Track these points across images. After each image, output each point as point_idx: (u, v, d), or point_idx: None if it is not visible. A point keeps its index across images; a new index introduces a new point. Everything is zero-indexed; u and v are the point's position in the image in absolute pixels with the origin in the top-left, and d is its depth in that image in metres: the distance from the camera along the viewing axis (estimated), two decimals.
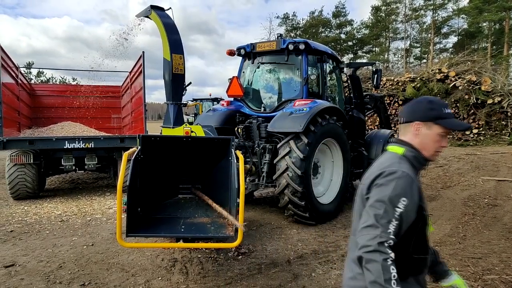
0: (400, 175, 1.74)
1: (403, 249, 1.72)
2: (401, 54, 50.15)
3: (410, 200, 1.70)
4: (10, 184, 8.42)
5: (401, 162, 1.85)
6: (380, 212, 1.66)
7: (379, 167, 1.84)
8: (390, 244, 1.60)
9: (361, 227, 1.70)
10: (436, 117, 1.86)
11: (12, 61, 9.59)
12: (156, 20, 6.38)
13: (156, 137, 4.71)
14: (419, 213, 1.77)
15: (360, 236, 1.68)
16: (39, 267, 4.76)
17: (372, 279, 1.55)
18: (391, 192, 1.69)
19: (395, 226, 1.64)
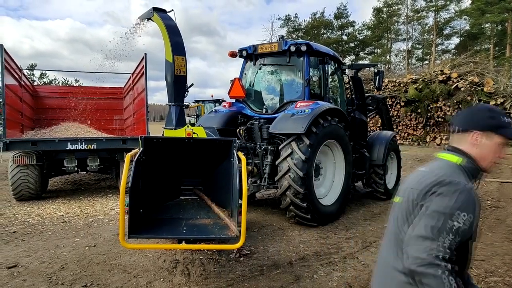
0: (463, 188, 1.65)
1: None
2: (403, 55, 50.13)
3: (471, 215, 1.62)
4: (13, 185, 8.44)
5: (458, 172, 1.77)
6: (437, 224, 1.58)
7: (435, 173, 1.75)
8: (446, 258, 1.54)
9: (413, 236, 1.63)
10: (497, 127, 1.78)
11: (15, 62, 9.62)
12: (159, 22, 6.40)
13: (158, 139, 4.71)
14: (473, 228, 1.69)
15: (412, 246, 1.61)
16: (41, 268, 4.77)
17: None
18: (452, 204, 1.60)
19: (450, 240, 1.57)
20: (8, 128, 8.13)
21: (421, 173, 1.85)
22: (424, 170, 1.86)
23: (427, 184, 1.72)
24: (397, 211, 1.86)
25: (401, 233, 1.75)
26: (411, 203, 1.76)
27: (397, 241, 1.78)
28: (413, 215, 1.73)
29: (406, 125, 22.19)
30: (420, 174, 1.85)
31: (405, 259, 1.61)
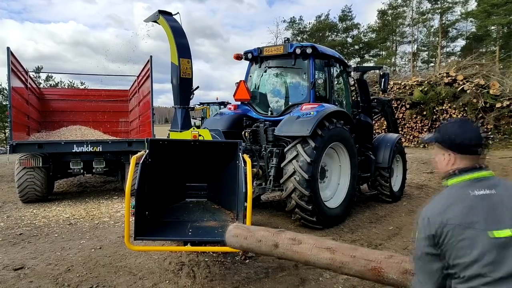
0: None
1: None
2: (408, 57, 49.93)
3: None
4: (19, 187, 8.48)
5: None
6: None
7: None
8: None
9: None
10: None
11: (21, 65, 9.70)
12: (164, 24, 6.43)
13: (164, 141, 4.74)
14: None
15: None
16: (47, 270, 4.79)
17: None
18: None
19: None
20: (14, 130, 8.19)
21: (505, 194, 1.80)
22: (499, 192, 1.81)
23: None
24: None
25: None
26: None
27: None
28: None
29: (412, 128, 22.09)
30: (506, 195, 1.80)
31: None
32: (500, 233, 1.68)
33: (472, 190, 1.80)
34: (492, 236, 1.68)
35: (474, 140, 1.89)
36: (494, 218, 1.72)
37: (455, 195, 1.85)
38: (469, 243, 1.70)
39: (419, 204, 8.38)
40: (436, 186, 10.47)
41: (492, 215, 1.72)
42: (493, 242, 1.67)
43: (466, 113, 19.22)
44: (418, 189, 10.09)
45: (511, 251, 1.66)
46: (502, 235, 1.68)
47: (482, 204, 1.76)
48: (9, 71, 8.15)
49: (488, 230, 1.69)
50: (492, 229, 1.69)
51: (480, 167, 1.89)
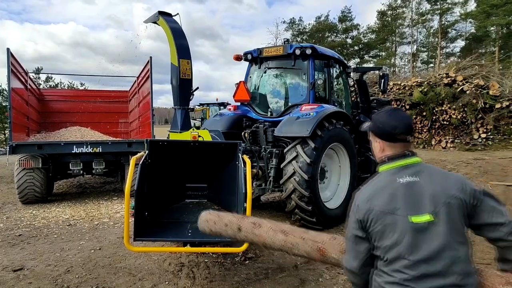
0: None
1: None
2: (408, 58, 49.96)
3: None
4: (18, 188, 8.48)
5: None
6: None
7: (451, 179, 1.93)
8: None
9: (498, 212, 1.88)
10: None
11: (21, 66, 9.69)
12: (164, 25, 6.43)
13: (164, 142, 4.74)
14: None
15: (504, 214, 1.88)
16: (47, 271, 4.78)
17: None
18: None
19: None
20: (14, 131, 8.18)
21: (427, 181, 1.89)
22: (422, 179, 1.91)
23: (455, 186, 1.88)
24: (450, 215, 1.82)
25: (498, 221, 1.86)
26: (463, 208, 1.85)
27: (460, 244, 1.82)
28: (470, 214, 1.87)
29: None
30: (428, 182, 1.89)
31: (508, 226, 1.84)
32: (419, 219, 1.80)
33: (398, 178, 1.91)
34: (411, 221, 1.80)
35: (399, 128, 1.97)
36: (414, 205, 1.83)
37: (383, 182, 1.96)
38: (390, 228, 1.82)
39: None
40: None
41: (412, 201, 1.83)
42: (412, 227, 1.79)
43: (466, 114, 19.22)
44: None
45: (428, 235, 1.78)
46: (420, 220, 1.80)
47: (405, 191, 1.86)
48: (9, 72, 8.14)
49: (408, 216, 1.81)
50: (411, 215, 1.81)
51: (407, 154, 1.98)
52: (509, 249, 1.85)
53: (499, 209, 1.87)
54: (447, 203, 1.82)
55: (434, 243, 1.77)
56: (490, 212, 1.85)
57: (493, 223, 1.84)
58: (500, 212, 1.86)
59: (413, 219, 1.80)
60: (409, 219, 1.81)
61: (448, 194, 1.83)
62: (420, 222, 1.80)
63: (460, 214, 1.82)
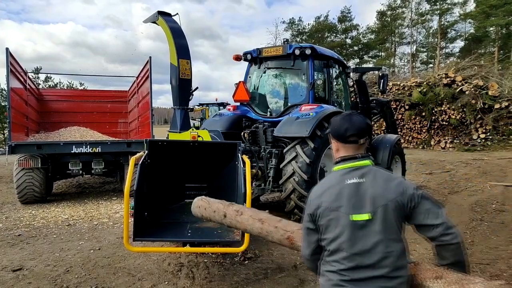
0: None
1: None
2: (407, 58, 50.02)
3: None
4: (18, 188, 8.47)
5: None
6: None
7: (394, 182, 2.07)
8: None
9: (434, 214, 2.01)
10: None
11: (20, 66, 9.69)
12: (164, 25, 6.43)
13: (163, 142, 4.74)
14: None
15: (439, 217, 2.00)
16: (46, 271, 4.79)
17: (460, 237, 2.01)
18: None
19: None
20: (13, 131, 8.18)
21: (372, 183, 2.05)
22: (368, 181, 2.06)
23: (397, 190, 2.03)
24: (376, 225, 1.98)
25: (431, 222, 2.01)
26: (401, 210, 2.00)
27: (394, 241, 1.98)
28: (407, 211, 2.02)
29: (411, 129, 22.11)
30: (372, 184, 2.04)
31: (441, 227, 1.98)
32: (359, 217, 1.99)
33: (347, 179, 2.07)
34: (351, 219, 1.99)
35: (350, 131, 2.11)
36: (356, 204, 2.00)
37: (333, 181, 2.14)
38: (334, 223, 2.03)
39: None
40: (435, 187, 10.48)
41: (355, 201, 2.01)
42: (351, 223, 1.99)
43: (465, 114, 19.24)
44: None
45: (365, 232, 1.98)
46: (360, 218, 1.98)
47: (350, 191, 2.04)
48: (8, 72, 8.14)
49: (349, 214, 2.00)
50: (352, 213, 1.99)
51: (358, 157, 2.13)
52: (442, 247, 2.01)
53: (434, 212, 2.01)
54: (385, 205, 1.98)
55: (369, 239, 1.96)
56: (426, 214, 2.00)
57: (428, 224, 2.00)
58: (435, 214, 2.00)
59: (353, 217, 1.99)
60: (350, 217, 1.99)
61: (387, 197, 1.99)
62: (359, 220, 1.98)
63: (396, 215, 1.99)
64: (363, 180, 2.05)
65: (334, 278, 2.01)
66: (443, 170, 13.33)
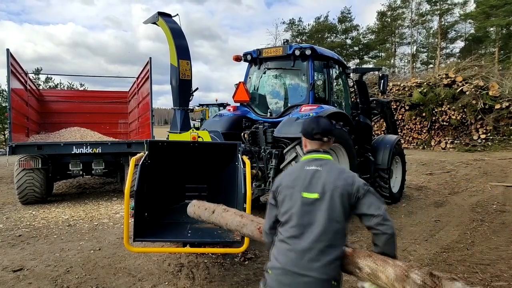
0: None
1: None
2: (407, 59, 49.95)
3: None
4: (18, 188, 8.48)
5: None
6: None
7: (346, 174, 2.44)
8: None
9: (375, 206, 2.32)
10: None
11: (21, 67, 9.70)
12: (164, 26, 6.43)
13: (164, 143, 4.74)
14: None
15: (379, 209, 2.32)
16: (47, 271, 4.79)
17: (393, 230, 2.32)
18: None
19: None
20: (14, 132, 8.18)
21: (327, 172, 2.41)
22: (324, 170, 2.43)
23: (347, 181, 2.38)
24: (323, 204, 2.33)
25: (369, 211, 2.31)
26: (346, 196, 2.33)
27: (333, 220, 2.31)
28: (353, 200, 2.34)
29: (411, 129, 22.11)
30: (326, 173, 2.41)
31: (379, 218, 2.29)
32: (309, 195, 2.36)
33: (307, 166, 2.49)
34: (302, 195, 2.37)
35: (315, 129, 2.56)
36: (309, 185, 2.38)
37: (296, 167, 2.61)
38: (288, 198, 2.42)
39: (419, 205, 8.40)
40: (435, 188, 10.48)
41: (309, 183, 2.39)
42: (302, 199, 2.36)
43: (466, 115, 19.24)
44: (417, 191, 10.10)
45: (312, 208, 2.33)
46: (309, 196, 2.36)
47: (307, 175, 2.43)
48: (8, 72, 8.15)
49: (301, 191, 2.38)
50: (304, 191, 2.38)
51: (320, 151, 2.56)
52: (377, 236, 2.31)
53: (376, 204, 2.33)
54: (333, 189, 2.33)
55: (314, 215, 2.32)
56: (369, 206, 2.32)
57: (368, 214, 2.31)
58: (376, 207, 2.32)
59: (304, 194, 2.37)
60: (302, 194, 2.38)
61: (336, 184, 2.34)
62: (309, 197, 2.36)
63: (341, 200, 2.32)
64: (320, 169, 2.43)
65: (281, 247, 2.36)
66: (443, 171, 13.33)
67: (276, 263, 2.36)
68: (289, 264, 2.29)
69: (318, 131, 2.56)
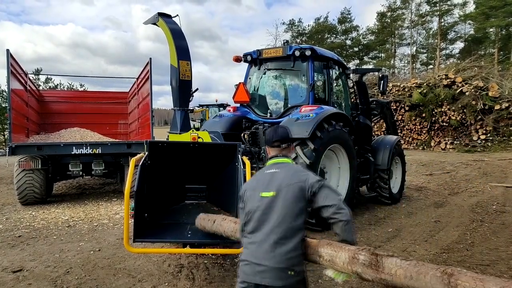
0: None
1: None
2: (407, 60, 50.01)
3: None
4: (18, 189, 8.47)
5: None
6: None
7: (300, 173, 2.72)
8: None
9: (331, 198, 2.56)
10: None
11: (21, 67, 9.69)
12: (164, 27, 6.43)
13: (164, 143, 4.73)
14: None
15: (335, 199, 2.57)
16: (46, 272, 4.79)
17: (349, 217, 2.55)
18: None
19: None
20: (14, 132, 8.18)
21: (284, 173, 2.69)
22: (281, 171, 2.72)
23: (301, 178, 2.64)
24: (279, 200, 2.57)
25: (325, 202, 2.55)
26: (300, 192, 2.57)
27: (290, 216, 2.54)
28: (308, 195, 2.57)
29: (411, 130, 22.13)
30: (283, 173, 2.69)
31: (334, 207, 2.53)
32: (266, 194, 2.62)
33: (267, 170, 2.79)
34: (261, 195, 2.64)
35: (273, 138, 2.87)
36: (267, 185, 2.65)
37: (259, 173, 2.91)
38: (251, 199, 2.69)
39: (419, 206, 8.40)
40: (435, 188, 10.48)
41: (267, 184, 2.66)
42: (261, 198, 2.63)
43: (465, 115, 19.25)
44: (417, 191, 10.10)
45: (270, 205, 2.58)
46: (267, 195, 2.62)
47: (266, 177, 2.72)
48: (8, 73, 8.15)
49: (261, 192, 2.65)
50: (263, 191, 2.64)
51: (279, 156, 2.86)
52: (334, 224, 2.54)
53: (332, 197, 2.56)
54: (287, 187, 2.58)
55: (270, 210, 2.57)
56: (325, 198, 2.55)
57: (325, 205, 2.53)
58: (332, 198, 2.55)
59: (262, 194, 2.63)
60: (261, 194, 2.64)
61: (290, 182, 2.60)
62: (266, 196, 2.61)
63: (295, 196, 2.56)
64: (278, 171, 2.71)
65: (245, 242, 2.66)
66: (443, 171, 13.33)
67: (242, 256, 2.65)
68: (249, 256, 2.56)
69: (276, 139, 2.87)
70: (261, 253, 2.50)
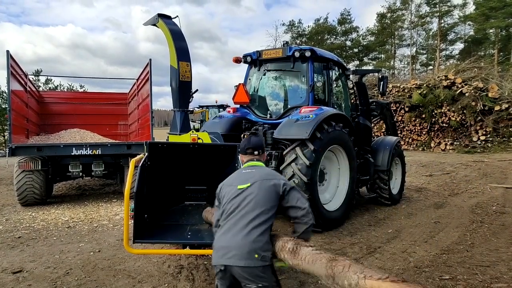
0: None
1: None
2: (407, 60, 50.04)
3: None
4: (18, 190, 8.47)
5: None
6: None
7: (274, 173, 3.10)
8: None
9: (302, 201, 2.90)
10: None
11: (21, 68, 9.69)
12: (164, 28, 6.44)
13: (163, 144, 4.73)
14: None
15: (305, 204, 2.91)
16: (46, 273, 4.78)
17: (313, 221, 2.94)
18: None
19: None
20: (13, 133, 8.18)
21: (260, 172, 3.04)
22: (265, 171, 3.08)
23: (282, 179, 2.99)
24: (254, 190, 2.87)
25: (295, 203, 2.88)
26: (273, 187, 2.89)
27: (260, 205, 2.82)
28: (280, 191, 2.89)
29: (411, 131, 22.14)
30: (265, 173, 3.02)
31: (304, 210, 2.87)
32: (242, 186, 2.93)
33: (243, 170, 3.13)
34: (237, 187, 2.94)
35: (247, 146, 3.23)
36: (243, 180, 2.97)
37: (236, 172, 3.23)
38: (228, 193, 2.97)
39: (418, 207, 8.40)
40: (435, 189, 10.48)
41: (244, 179, 2.98)
42: (237, 190, 2.93)
43: (465, 116, 19.25)
44: (417, 192, 10.10)
45: (244, 193, 2.88)
46: (243, 186, 2.92)
47: (243, 174, 3.06)
48: (8, 74, 8.15)
49: (237, 185, 2.96)
50: (239, 184, 2.95)
51: (254, 160, 3.21)
52: (299, 224, 2.88)
53: (302, 200, 2.90)
54: (261, 180, 2.91)
55: (243, 199, 2.86)
56: (297, 199, 2.89)
57: (297, 206, 2.86)
58: (302, 202, 2.89)
59: (239, 186, 2.94)
60: (237, 186, 2.94)
61: (266, 178, 2.94)
62: (242, 187, 2.92)
63: (268, 188, 2.86)
64: (254, 171, 3.05)
65: (218, 231, 2.93)
66: (443, 172, 13.34)
67: (213, 243, 2.91)
68: (219, 241, 2.83)
69: (249, 146, 3.21)
70: (230, 236, 2.74)
